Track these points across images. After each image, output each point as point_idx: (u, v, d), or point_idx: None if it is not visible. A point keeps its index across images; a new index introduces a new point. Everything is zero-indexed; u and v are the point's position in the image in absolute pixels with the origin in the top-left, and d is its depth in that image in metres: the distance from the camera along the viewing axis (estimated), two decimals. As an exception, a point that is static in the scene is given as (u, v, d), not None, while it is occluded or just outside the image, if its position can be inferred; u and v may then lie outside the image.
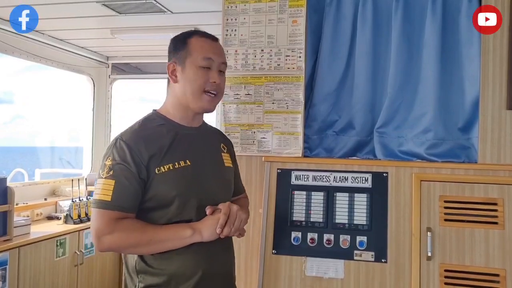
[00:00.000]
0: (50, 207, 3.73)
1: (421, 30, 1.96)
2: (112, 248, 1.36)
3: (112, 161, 1.35)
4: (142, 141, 1.38)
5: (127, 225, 1.34)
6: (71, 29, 3.57)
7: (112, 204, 1.33)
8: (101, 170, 1.36)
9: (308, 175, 1.89)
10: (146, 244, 1.35)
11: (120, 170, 1.34)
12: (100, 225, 1.32)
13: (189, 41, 1.47)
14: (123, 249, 1.40)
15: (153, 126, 1.45)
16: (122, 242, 1.34)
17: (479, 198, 1.74)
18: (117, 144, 1.37)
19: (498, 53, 1.80)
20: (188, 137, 1.48)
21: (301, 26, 1.97)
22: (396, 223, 1.78)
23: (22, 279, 2.87)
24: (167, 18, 3.16)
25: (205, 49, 1.46)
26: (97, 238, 1.33)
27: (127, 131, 1.42)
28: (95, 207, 1.34)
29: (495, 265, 1.69)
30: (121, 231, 1.33)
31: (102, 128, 4.58)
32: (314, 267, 1.80)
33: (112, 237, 1.32)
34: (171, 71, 1.48)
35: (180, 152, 1.43)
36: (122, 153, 1.35)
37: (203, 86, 1.44)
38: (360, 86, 2.03)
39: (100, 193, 1.34)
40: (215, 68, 1.46)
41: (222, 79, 1.50)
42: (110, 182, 1.33)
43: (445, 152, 1.92)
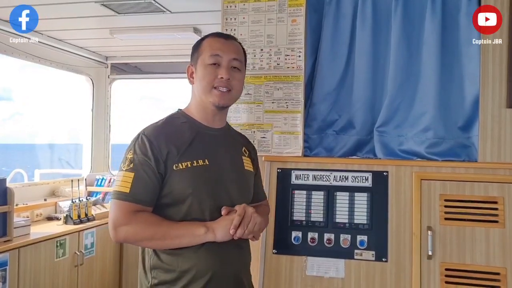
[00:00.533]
0: (50, 207, 3.73)
1: (420, 29, 1.96)
2: (127, 239, 1.36)
3: (133, 154, 1.38)
4: (163, 137, 1.41)
5: (144, 218, 1.36)
6: (70, 29, 3.56)
7: (130, 196, 1.35)
8: (122, 163, 1.39)
9: (308, 175, 1.89)
10: (161, 238, 1.36)
11: (140, 164, 1.36)
12: (118, 215, 1.34)
13: (202, 43, 1.52)
14: (137, 241, 1.40)
15: (175, 124, 1.48)
16: (137, 234, 1.35)
17: (480, 197, 1.74)
18: (139, 139, 1.40)
19: (498, 52, 1.80)
20: (209, 137, 1.49)
21: (301, 25, 1.97)
22: (397, 222, 1.78)
23: (22, 280, 2.87)
24: (166, 18, 3.16)
25: (213, 47, 1.49)
26: (113, 228, 1.34)
27: (150, 127, 1.45)
28: (113, 197, 1.37)
29: (496, 264, 1.69)
30: (137, 223, 1.34)
31: (102, 128, 4.58)
32: (314, 266, 1.80)
33: (128, 229, 1.34)
34: (190, 73, 1.53)
35: (200, 150, 1.44)
36: (143, 147, 1.38)
37: (212, 83, 1.46)
38: (360, 85, 2.02)
39: (119, 185, 1.36)
40: (225, 64, 1.47)
41: (236, 75, 1.50)
42: (129, 174, 1.36)
43: (445, 151, 1.92)
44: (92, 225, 3.59)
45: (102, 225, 3.71)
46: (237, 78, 1.50)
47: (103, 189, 4.25)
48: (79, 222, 3.49)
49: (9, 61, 3.51)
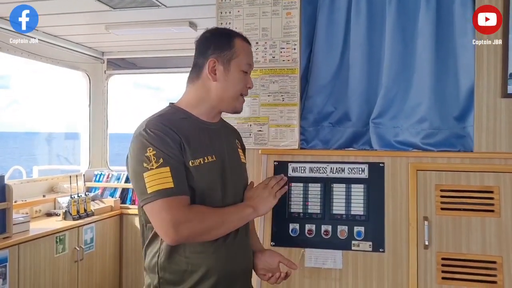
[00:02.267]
0: (49, 203, 3.74)
1: (415, 20, 1.96)
2: (191, 236, 1.31)
3: (156, 150, 1.29)
4: (169, 128, 1.35)
5: (199, 210, 1.32)
6: (65, 25, 3.56)
7: (178, 189, 1.29)
8: (144, 163, 1.28)
9: (305, 167, 1.90)
10: (219, 226, 1.36)
11: (168, 156, 1.30)
12: (176, 214, 1.27)
13: (235, 42, 1.46)
14: (199, 236, 1.33)
15: (175, 119, 1.41)
16: (199, 228, 1.31)
17: (475, 187, 1.75)
18: (150, 134, 1.32)
19: (495, 37, 1.80)
20: (210, 132, 1.46)
21: (296, 18, 1.97)
22: (393, 212, 1.79)
23: (23, 276, 2.88)
24: (161, 12, 3.15)
25: (248, 54, 1.49)
26: (174, 229, 1.26)
27: (151, 121, 1.37)
28: (158, 197, 1.26)
29: (492, 253, 1.70)
30: (196, 217, 1.30)
31: (99, 124, 4.58)
32: (312, 258, 1.81)
33: (190, 225, 1.29)
34: (211, 68, 1.43)
35: (206, 146, 1.42)
36: (160, 140, 1.31)
37: (242, 90, 1.48)
38: (355, 77, 2.03)
39: (158, 184, 1.27)
40: (250, 74, 1.51)
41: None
42: (164, 169, 1.28)
43: (440, 142, 1.92)
44: (91, 220, 3.60)
45: (101, 220, 3.73)
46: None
47: (102, 184, 4.26)
48: (78, 218, 3.50)
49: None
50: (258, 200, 1.48)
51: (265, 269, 1.57)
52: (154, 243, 1.39)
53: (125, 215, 4.06)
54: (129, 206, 4.13)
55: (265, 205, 1.50)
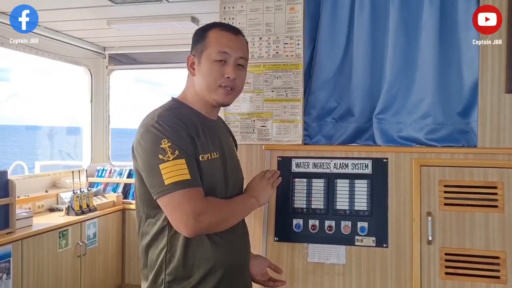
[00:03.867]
0: (51, 199, 3.75)
1: (418, 15, 1.96)
2: (210, 226, 1.32)
3: (170, 142, 1.29)
4: (182, 121, 1.35)
5: (214, 201, 1.35)
6: (67, 20, 3.54)
7: (194, 181, 1.29)
8: (159, 155, 1.28)
9: (308, 163, 1.90)
10: (232, 216, 1.39)
11: (183, 149, 1.30)
12: (196, 204, 1.27)
13: (208, 34, 1.44)
14: (216, 226, 1.35)
15: (182, 113, 1.40)
16: (217, 218, 1.33)
17: (479, 182, 1.75)
18: (163, 126, 1.31)
19: (497, 37, 1.80)
20: (211, 129, 1.46)
21: (299, 13, 1.96)
22: (397, 208, 1.80)
23: (26, 271, 2.89)
24: (163, 7, 3.14)
25: (221, 42, 1.42)
26: (195, 219, 1.26)
27: (163, 114, 1.36)
28: (177, 189, 1.26)
29: (495, 248, 1.71)
30: (214, 207, 1.33)
31: (101, 119, 4.58)
32: (316, 253, 1.82)
33: (209, 215, 1.30)
34: (190, 63, 1.46)
35: (210, 143, 1.42)
36: (175, 132, 1.31)
37: (218, 81, 1.41)
38: (358, 73, 2.02)
39: (175, 175, 1.27)
40: (232, 62, 1.42)
41: (240, 74, 1.46)
42: (180, 161, 1.28)
43: (444, 137, 1.92)
44: (94, 215, 3.61)
45: (104, 216, 3.74)
46: (241, 77, 1.47)
47: (104, 180, 4.27)
48: (81, 213, 3.51)
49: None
50: (258, 190, 1.52)
51: (260, 274, 1.64)
52: (160, 239, 1.37)
53: (127, 210, 4.07)
54: (131, 201, 4.14)
55: (265, 194, 1.53)
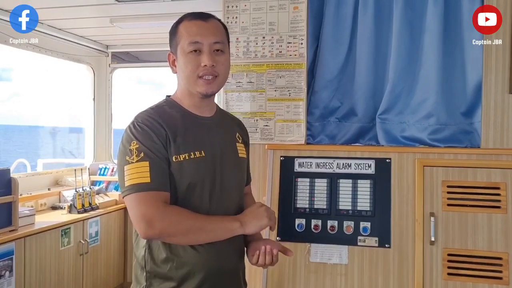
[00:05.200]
0: (54, 197, 3.75)
1: (422, 15, 1.95)
2: (163, 234, 1.28)
3: (138, 144, 1.29)
4: (157, 122, 1.33)
5: (177, 211, 1.29)
6: (70, 18, 3.54)
7: (154, 185, 1.26)
8: (126, 156, 1.28)
9: (311, 162, 1.90)
10: (196, 232, 1.31)
11: (150, 151, 1.29)
12: (148, 209, 1.25)
13: (179, 27, 1.40)
14: (172, 236, 1.30)
15: (166, 112, 1.39)
16: (173, 228, 1.27)
17: (482, 183, 1.75)
18: (136, 128, 1.32)
19: (501, 37, 1.79)
20: (202, 127, 1.42)
21: (303, 12, 1.96)
22: (399, 208, 1.79)
23: (28, 268, 2.90)
24: (166, 6, 3.13)
25: (191, 32, 1.37)
26: (146, 224, 1.24)
27: (142, 114, 1.36)
28: (133, 191, 1.26)
29: (498, 249, 1.70)
30: (172, 216, 1.27)
31: (104, 117, 4.58)
32: (318, 253, 1.82)
33: (163, 224, 1.25)
34: (172, 61, 1.43)
35: (195, 142, 1.38)
36: (146, 134, 1.30)
37: (195, 72, 1.36)
38: (361, 72, 2.02)
39: (135, 178, 1.26)
40: (206, 49, 1.36)
41: (219, 59, 1.39)
42: (143, 164, 1.27)
43: (447, 137, 1.92)
44: (96, 214, 3.61)
45: (106, 214, 3.74)
46: (221, 62, 1.41)
47: (106, 178, 4.27)
48: (83, 211, 3.51)
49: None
50: (250, 216, 1.38)
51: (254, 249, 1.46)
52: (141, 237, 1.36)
53: (129, 208, 4.06)
54: (133, 199, 4.13)
55: (256, 222, 1.37)
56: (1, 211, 2.79)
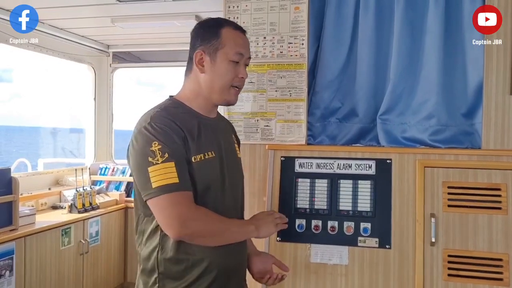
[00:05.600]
0: (54, 196, 3.76)
1: (423, 16, 1.95)
2: (195, 234, 1.30)
3: (161, 144, 1.28)
4: (175, 123, 1.33)
5: (206, 212, 1.32)
6: (71, 18, 3.55)
7: (182, 185, 1.27)
8: (149, 157, 1.27)
9: (312, 163, 1.90)
10: (222, 234, 1.35)
11: (173, 151, 1.29)
12: (183, 209, 1.26)
13: (222, 32, 1.41)
14: (202, 237, 1.32)
15: (177, 113, 1.39)
16: (204, 229, 1.31)
17: (483, 184, 1.75)
18: (155, 129, 1.30)
19: (502, 38, 1.79)
20: (209, 128, 1.44)
21: (304, 12, 1.96)
22: (400, 209, 1.79)
23: (29, 268, 2.90)
24: (167, 6, 3.14)
25: (238, 43, 1.41)
26: (180, 224, 1.26)
27: (156, 115, 1.34)
28: (163, 193, 1.25)
29: (498, 250, 1.70)
30: (203, 218, 1.30)
31: (105, 117, 4.58)
32: (318, 253, 1.82)
33: (196, 223, 1.28)
34: (198, 60, 1.41)
35: (206, 142, 1.40)
36: (166, 135, 1.30)
37: (232, 81, 1.41)
38: (362, 73, 2.02)
39: (163, 178, 1.26)
40: (243, 63, 1.43)
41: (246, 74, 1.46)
42: (169, 164, 1.27)
43: (448, 138, 1.92)
44: (96, 213, 3.62)
45: (106, 214, 3.74)
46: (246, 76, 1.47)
47: (107, 178, 4.28)
48: (83, 211, 3.52)
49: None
50: (262, 222, 1.47)
51: (261, 272, 1.60)
52: (154, 237, 1.36)
53: (130, 208, 4.06)
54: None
55: (267, 229, 1.48)
56: (2, 211, 2.80)
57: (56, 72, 38.06)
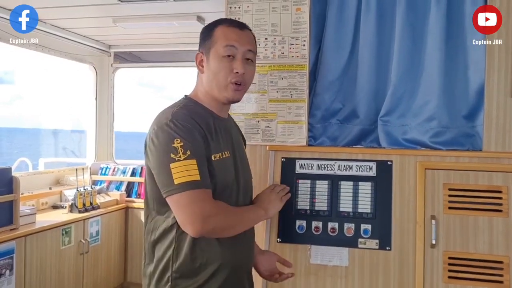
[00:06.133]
0: (55, 196, 3.76)
1: (425, 18, 1.95)
2: (216, 229, 1.32)
3: (183, 141, 1.29)
4: (196, 121, 1.35)
5: (224, 206, 1.35)
6: (73, 17, 3.56)
7: (203, 183, 1.29)
8: (171, 154, 1.28)
9: (312, 164, 1.90)
10: (239, 224, 1.41)
11: (195, 149, 1.30)
12: (205, 206, 1.27)
13: (215, 30, 1.43)
14: (222, 230, 1.35)
15: (196, 111, 1.40)
16: (224, 223, 1.34)
17: (484, 186, 1.74)
18: (178, 126, 1.31)
19: (504, 40, 1.79)
20: (223, 128, 1.45)
21: (305, 14, 1.96)
22: (401, 211, 1.79)
23: (29, 267, 2.90)
24: (169, 6, 3.15)
25: (229, 38, 1.40)
26: (202, 221, 1.26)
27: (178, 112, 1.35)
28: (186, 189, 1.26)
29: (499, 253, 1.70)
30: (222, 212, 1.33)
31: (105, 117, 4.59)
32: (318, 255, 1.82)
33: (217, 219, 1.30)
34: (199, 61, 1.45)
35: (222, 141, 1.41)
36: (188, 132, 1.31)
37: (227, 77, 1.39)
38: (363, 74, 2.02)
39: (185, 175, 1.27)
40: (240, 56, 1.40)
41: (249, 68, 1.44)
42: (191, 162, 1.28)
43: (449, 140, 1.92)
44: (97, 213, 3.62)
45: (107, 214, 3.75)
46: (250, 71, 1.45)
47: (108, 178, 4.28)
48: (84, 211, 3.52)
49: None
50: (267, 202, 1.55)
51: (268, 270, 1.64)
52: (168, 236, 1.36)
53: (130, 208, 4.07)
54: (134, 199, 4.15)
55: (274, 207, 1.57)
56: (2, 210, 2.80)
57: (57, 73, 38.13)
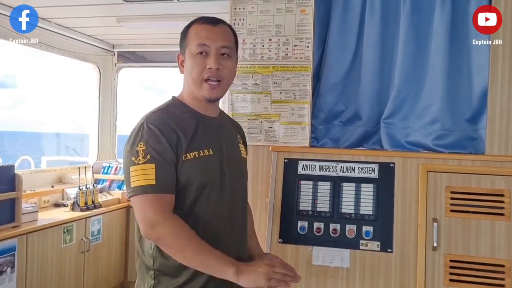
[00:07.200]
0: (57, 194, 3.76)
1: (429, 21, 1.95)
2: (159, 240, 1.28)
3: (146, 145, 1.30)
4: (168, 125, 1.35)
5: (181, 225, 1.28)
6: (77, 17, 3.56)
7: (160, 187, 1.28)
8: (133, 157, 1.30)
9: (315, 165, 1.90)
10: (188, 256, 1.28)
11: (157, 153, 1.30)
12: (152, 211, 1.26)
13: (188, 31, 1.44)
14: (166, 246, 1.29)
15: (177, 112, 1.42)
16: (170, 240, 1.27)
17: (486, 189, 1.75)
18: (145, 129, 1.33)
19: (508, 44, 1.79)
20: (209, 126, 1.45)
21: (309, 15, 1.97)
22: (402, 213, 1.79)
23: (30, 265, 2.91)
24: (173, 7, 3.15)
25: (200, 35, 1.40)
26: (148, 225, 1.26)
27: (153, 115, 1.38)
28: (138, 193, 1.27)
29: (501, 256, 1.70)
30: (174, 227, 1.26)
31: (108, 116, 4.60)
32: (320, 256, 1.82)
33: (164, 230, 1.26)
34: (180, 62, 1.47)
35: (204, 140, 1.40)
36: (154, 136, 1.31)
37: (201, 74, 1.39)
38: (367, 77, 2.02)
39: (140, 179, 1.28)
40: (213, 53, 1.39)
41: (225, 63, 1.42)
42: (149, 166, 1.28)
43: (452, 143, 1.92)
44: (98, 212, 3.62)
45: (109, 212, 3.75)
46: (227, 66, 1.43)
47: (110, 176, 4.28)
48: (86, 209, 3.52)
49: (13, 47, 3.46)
50: (251, 270, 1.26)
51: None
52: None
53: (132, 207, 4.07)
54: (136, 199, 4.14)
55: (252, 280, 1.24)
56: (5, 207, 2.80)
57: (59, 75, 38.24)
